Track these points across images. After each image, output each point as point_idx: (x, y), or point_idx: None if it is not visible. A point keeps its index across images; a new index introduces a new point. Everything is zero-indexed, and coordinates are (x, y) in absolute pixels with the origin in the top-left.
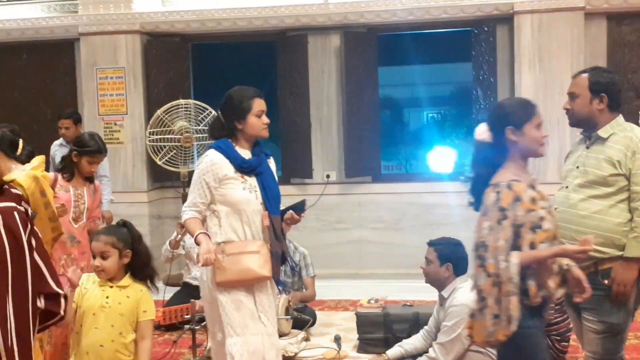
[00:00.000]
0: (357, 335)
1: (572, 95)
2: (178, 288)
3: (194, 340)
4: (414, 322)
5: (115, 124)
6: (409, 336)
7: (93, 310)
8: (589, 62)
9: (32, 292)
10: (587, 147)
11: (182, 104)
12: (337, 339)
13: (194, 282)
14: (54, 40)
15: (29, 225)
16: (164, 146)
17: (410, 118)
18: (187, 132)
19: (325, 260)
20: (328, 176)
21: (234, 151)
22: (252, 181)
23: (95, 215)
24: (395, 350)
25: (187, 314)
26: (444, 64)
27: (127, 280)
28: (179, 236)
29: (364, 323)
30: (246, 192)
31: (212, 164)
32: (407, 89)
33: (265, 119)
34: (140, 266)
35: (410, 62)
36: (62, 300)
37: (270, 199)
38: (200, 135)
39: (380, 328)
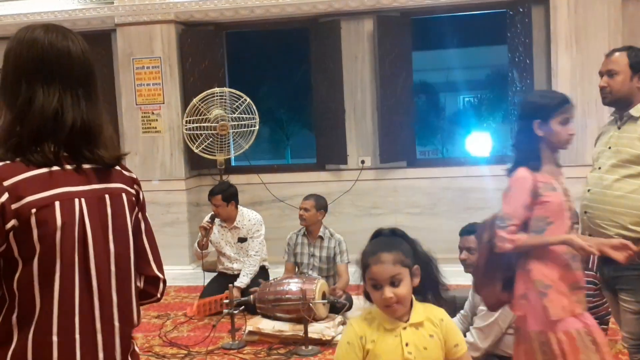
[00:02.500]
0: None
1: (610, 73)
2: (215, 274)
3: (232, 325)
4: (452, 306)
5: (153, 113)
6: None
7: None
8: (627, 41)
9: (135, 272)
10: (619, 127)
11: (217, 92)
12: None
13: (228, 272)
14: (90, 31)
15: (137, 209)
16: (201, 134)
17: (446, 102)
18: (222, 120)
19: (361, 246)
20: (363, 162)
21: None
22: None
23: None
24: None
25: (220, 306)
26: (478, 47)
27: (419, 313)
28: (204, 239)
29: None
30: None
31: None
32: (442, 73)
33: None
34: (429, 283)
35: (445, 46)
36: (161, 285)
37: None
38: (236, 122)
39: None
